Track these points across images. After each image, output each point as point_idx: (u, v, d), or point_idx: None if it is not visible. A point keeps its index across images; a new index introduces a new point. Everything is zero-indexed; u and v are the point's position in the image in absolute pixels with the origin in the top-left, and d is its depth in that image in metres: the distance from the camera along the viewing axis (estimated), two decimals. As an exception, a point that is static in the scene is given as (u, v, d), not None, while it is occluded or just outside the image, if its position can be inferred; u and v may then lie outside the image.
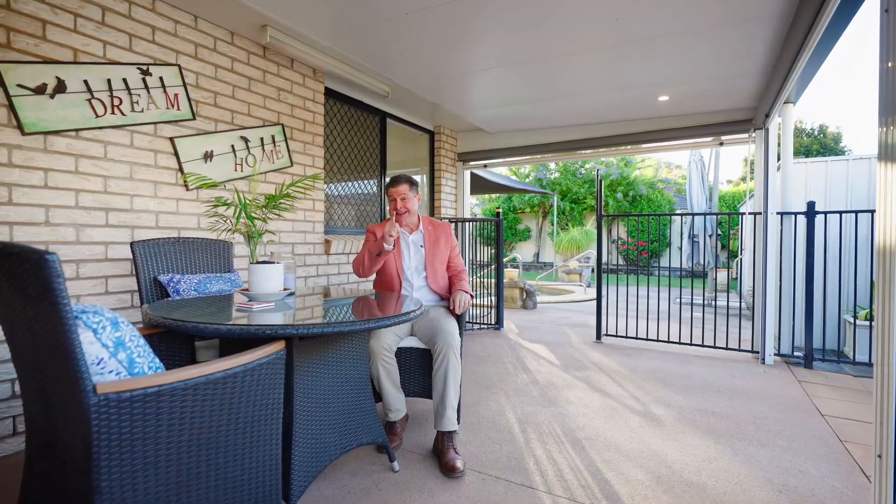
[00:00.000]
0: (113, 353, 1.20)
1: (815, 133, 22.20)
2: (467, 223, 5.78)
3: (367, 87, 4.02)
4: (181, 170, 2.81)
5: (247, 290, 1.91)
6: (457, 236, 5.83)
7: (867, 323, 3.83)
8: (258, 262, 1.88)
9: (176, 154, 2.78)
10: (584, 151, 5.50)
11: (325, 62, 3.57)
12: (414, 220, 2.66)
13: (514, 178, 16.69)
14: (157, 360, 1.30)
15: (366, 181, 4.74)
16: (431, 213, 5.77)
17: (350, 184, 4.55)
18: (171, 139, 2.76)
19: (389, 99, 4.63)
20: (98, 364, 1.17)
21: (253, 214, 1.92)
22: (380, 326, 1.64)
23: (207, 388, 1.24)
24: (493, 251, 5.51)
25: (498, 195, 17.89)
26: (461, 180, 6.01)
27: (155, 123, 2.69)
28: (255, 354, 1.35)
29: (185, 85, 2.82)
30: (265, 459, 1.45)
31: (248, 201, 1.91)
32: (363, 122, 4.67)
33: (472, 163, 5.98)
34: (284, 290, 1.99)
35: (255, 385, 1.37)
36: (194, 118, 2.88)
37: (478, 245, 5.70)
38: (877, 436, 1.47)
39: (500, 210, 5.42)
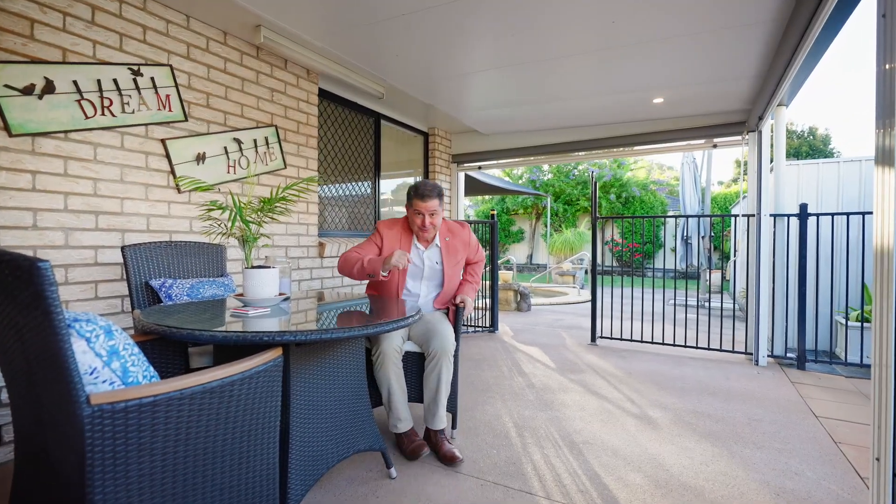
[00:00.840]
0: (107, 363, 1.17)
1: (805, 135, 22.49)
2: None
3: (362, 88, 3.99)
4: (173, 172, 2.77)
5: (241, 295, 1.88)
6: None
7: (858, 324, 3.87)
8: (253, 267, 1.86)
9: (167, 156, 2.74)
10: (578, 153, 5.52)
11: (320, 63, 3.54)
12: (433, 234, 2.46)
13: (507, 179, 16.72)
14: (151, 368, 1.27)
15: (360, 183, 4.70)
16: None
17: (344, 186, 4.52)
18: (163, 141, 2.72)
19: (384, 100, 4.60)
20: (91, 374, 1.14)
21: (248, 218, 1.89)
22: (378, 332, 1.62)
23: (204, 397, 1.22)
24: (487, 253, 5.50)
25: (491, 197, 17.91)
26: (455, 182, 6.00)
27: (146, 125, 2.64)
28: (253, 362, 1.32)
29: (176, 86, 2.78)
30: (262, 469, 1.42)
31: (242, 205, 1.88)
32: (357, 124, 4.64)
33: (466, 164, 5.97)
34: (280, 294, 1.96)
35: (252, 393, 1.34)
36: (186, 119, 2.84)
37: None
38: (874, 439, 1.48)
39: (495, 212, 5.42)
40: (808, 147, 21.80)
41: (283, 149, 3.51)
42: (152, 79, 2.66)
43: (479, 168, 6.04)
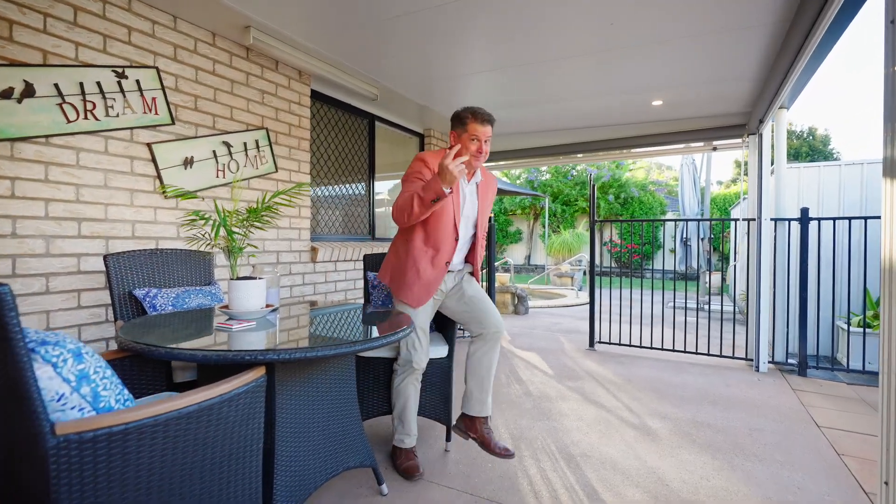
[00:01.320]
0: (75, 388, 1.09)
1: (804, 135, 22.47)
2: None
3: (355, 90, 3.92)
4: (159, 177, 2.69)
5: (227, 306, 1.81)
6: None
7: (860, 329, 3.81)
8: (239, 278, 1.79)
9: (154, 160, 2.67)
10: (576, 155, 5.46)
11: (311, 64, 3.46)
12: (480, 166, 2.23)
13: (505, 179, 16.64)
14: (125, 391, 1.20)
15: (354, 185, 4.63)
16: (422, 218, 5.66)
17: (338, 188, 4.44)
18: (149, 145, 2.65)
19: (378, 102, 4.53)
20: (58, 400, 1.07)
21: (234, 228, 1.82)
22: (367, 349, 1.55)
23: (180, 423, 1.15)
24: (484, 255, 5.43)
25: (488, 196, 17.79)
26: (452, 184, 5.92)
27: (131, 129, 2.57)
28: (233, 384, 1.25)
29: (163, 88, 2.71)
30: (245, 493, 1.36)
31: (227, 213, 1.81)
32: (351, 126, 4.57)
33: (462, 166, 5.89)
34: (267, 306, 1.89)
35: (232, 416, 1.27)
36: (173, 123, 2.76)
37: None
38: (883, 461, 1.41)
39: (492, 213, 5.35)
40: (808, 147, 21.79)
41: (275, 152, 3.43)
42: (137, 81, 2.58)
43: (476, 170, 5.97)
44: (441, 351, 2.40)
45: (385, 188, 5.19)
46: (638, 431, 2.66)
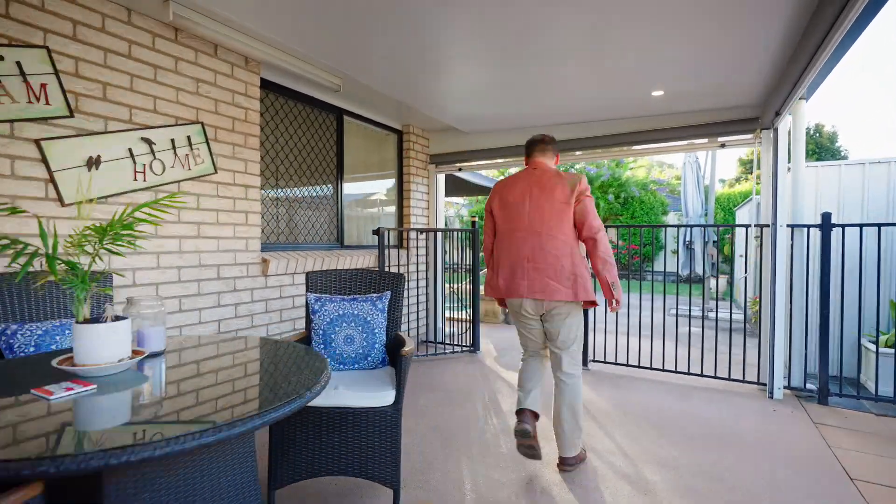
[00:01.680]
0: None
1: (811, 132, 21.85)
2: (438, 233, 5.23)
3: (314, 80, 3.44)
4: (52, 181, 2.22)
5: (70, 359, 1.34)
6: (431, 246, 5.28)
7: (890, 351, 3.33)
8: (85, 321, 1.32)
9: (45, 160, 2.20)
10: (574, 153, 4.96)
11: (259, 50, 2.99)
12: None
13: (502, 178, 16.13)
14: None
15: (318, 187, 4.16)
16: (400, 223, 5.19)
17: (297, 191, 3.97)
18: (37, 141, 2.18)
19: (347, 94, 4.06)
20: None
21: (80, 252, 1.35)
22: (231, 435, 1.07)
23: None
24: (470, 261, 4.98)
25: (485, 196, 17.33)
26: (434, 185, 5.44)
27: (11, 122, 2.10)
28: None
29: (56, 73, 2.24)
30: None
31: (71, 237, 1.34)
32: (315, 120, 4.09)
33: (445, 165, 5.41)
34: (135, 354, 1.42)
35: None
36: (72, 115, 2.29)
37: (461, 250, 5.19)
38: None
39: (476, 219, 4.91)
40: (815, 145, 21.16)
41: (213, 150, 2.96)
42: (18, 63, 2.11)
43: (460, 169, 5.48)
44: (385, 397, 1.93)
45: (359, 190, 4.72)
46: (633, 488, 2.18)
